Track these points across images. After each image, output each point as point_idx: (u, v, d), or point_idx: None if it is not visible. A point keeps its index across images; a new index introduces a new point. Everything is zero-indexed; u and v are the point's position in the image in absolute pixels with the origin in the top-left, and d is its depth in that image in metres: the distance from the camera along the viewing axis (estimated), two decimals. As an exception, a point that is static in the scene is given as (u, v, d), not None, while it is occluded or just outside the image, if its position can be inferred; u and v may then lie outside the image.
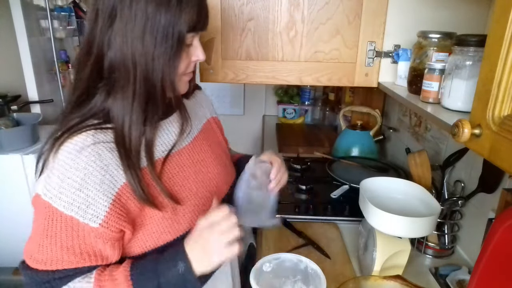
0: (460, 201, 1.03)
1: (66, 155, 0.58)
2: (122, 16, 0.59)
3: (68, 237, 0.58)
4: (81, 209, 0.57)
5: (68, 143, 0.59)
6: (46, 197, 0.58)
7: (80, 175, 0.57)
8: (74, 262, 0.59)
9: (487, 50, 0.47)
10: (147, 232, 0.65)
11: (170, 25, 0.59)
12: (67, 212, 0.57)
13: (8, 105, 1.96)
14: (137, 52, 0.59)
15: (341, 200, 1.32)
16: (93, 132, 0.61)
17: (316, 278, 0.72)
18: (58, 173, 0.57)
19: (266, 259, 0.74)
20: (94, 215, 0.58)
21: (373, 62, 1.08)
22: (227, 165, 0.87)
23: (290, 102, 2.43)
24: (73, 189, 0.57)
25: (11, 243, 1.80)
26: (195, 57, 0.68)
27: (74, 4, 2.53)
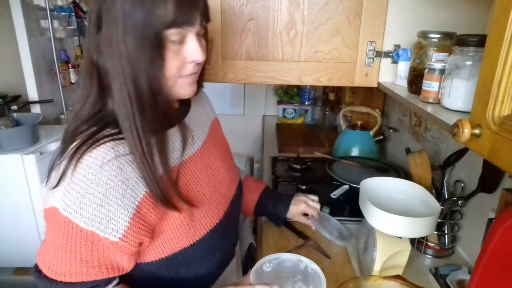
0: (460, 201, 1.03)
1: (87, 169, 0.56)
2: (106, 21, 0.57)
3: (88, 251, 0.58)
4: (102, 224, 0.56)
5: (88, 157, 0.57)
6: (65, 212, 0.56)
7: (102, 191, 0.56)
8: (92, 275, 0.59)
9: (487, 50, 0.47)
10: (165, 239, 0.65)
11: (146, 23, 0.56)
12: (87, 227, 0.56)
13: (8, 105, 1.96)
14: (123, 55, 0.57)
15: (341, 200, 1.32)
16: (112, 145, 0.59)
17: (316, 278, 0.72)
18: (78, 188, 0.56)
19: (266, 259, 0.74)
20: (114, 229, 0.57)
21: (373, 62, 1.08)
22: (232, 166, 0.87)
23: (290, 102, 2.43)
24: (94, 204, 0.56)
25: (11, 243, 1.81)
26: (190, 57, 0.62)
27: (74, 4, 2.53)
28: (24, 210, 1.75)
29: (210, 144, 0.80)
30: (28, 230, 1.78)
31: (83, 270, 0.58)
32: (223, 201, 0.76)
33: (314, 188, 1.43)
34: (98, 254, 0.58)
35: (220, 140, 0.88)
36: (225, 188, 0.79)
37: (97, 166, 0.56)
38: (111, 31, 0.57)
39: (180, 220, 0.65)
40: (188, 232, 0.67)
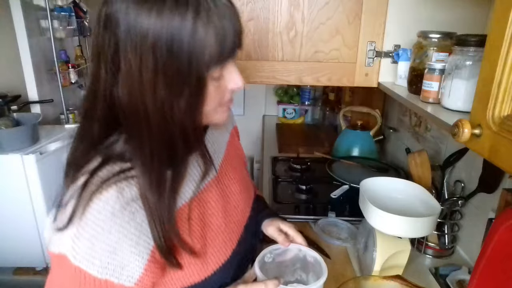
0: (460, 201, 1.04)
1: (97, 215, 0.51)
2: (126, 61, 0.49)
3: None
4: (116, 271, 0.52)
5: (98, 201, 0.51)
6: (76, 261, 0.51)
7: (114, 239, 0.51)
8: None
9: (487, 50, 0.47)
10: (176, 276, 0.61)
11: (185, 67, 0.48)
12: (101, 276, 0.51)
13: (8, 105, 1.96)
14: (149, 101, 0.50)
15: (341, 200, 1.32)
16: (124, 185, 0.53)
17: (316, 265, 0.73)
18: (89, 235, 0.50)
19: (267, 250, 0.75)
20: (129, 275, 0.53)
21: (373, 62, 1.08)
22: (248, 185, 0.81)
23: (290, 102, 2.43)
24: (107, 252, 0.51)
25: (11, 243, 1.81)
26: (233, 85, 0.56)
27: (74, 4, 2.54)
28: (24, 210, 1.75)
29: (227, 166, 0.74)
30: (28, 230, 1.78)
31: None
32: (236, 228, 0.72)
33: (314, 188, 1.43)
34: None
35: (237, 156, 0.81)
36: (240, 213, 0.74)
37: (108, 213, 0.51)
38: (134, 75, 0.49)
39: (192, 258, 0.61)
40: (200, 269, 0.63)
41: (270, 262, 0.75)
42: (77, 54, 2.73)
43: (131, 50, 0.48)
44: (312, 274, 0.75)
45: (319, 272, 0.70)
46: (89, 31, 2.78)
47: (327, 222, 1.22)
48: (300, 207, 1.31)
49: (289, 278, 0.77)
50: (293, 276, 0.78)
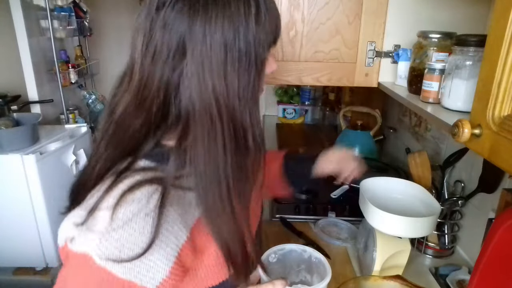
0: (460, 201, 1.04)
1: (129, 215, 0.49)
2: (195, 53, 0.48)
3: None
4: (141, 273, 0.51)
5: (131, 201, 0.50)
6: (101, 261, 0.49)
7: (144, 240, 0.50)
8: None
9: (487, 50, 0.47)
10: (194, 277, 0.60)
11: (251, 51, 0.50)
12: (125, 277, 0.50)
13: (8, 105, 1.96)
14: (220, 90, 0.49)
15: (341, 200, 1.32)
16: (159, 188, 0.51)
17: (320, 266, 0.73)
18: (118, 236, 0.49)
19: (271, 250, 0.75)
20: (153, 278, 0.52)
21: (373, 62, 1.08)
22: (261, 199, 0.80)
23: (290, 102, 2.43)
24: (134, 254, 0.50)
25: (11, 243, 1.81)
26: (270, 69, 0.58)
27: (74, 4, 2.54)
28: (24, 210, 1.75)
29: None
30: (28, 230, 1.78)
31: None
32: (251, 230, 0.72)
33: (314, 188, 1.43)
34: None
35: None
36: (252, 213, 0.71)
37: (142, 213, 0.49)
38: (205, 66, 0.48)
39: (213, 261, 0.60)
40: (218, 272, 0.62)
41: (275, 262, 0.75)
42: (77, 54, 2.73)
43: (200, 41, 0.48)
44: (316, 275, 0.75)
45: (323, 273, 0.70)
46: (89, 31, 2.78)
47: (327, 222, 1.22)
48: (300, 207, 1.31)
49: (293, 279, 0.77)
50: (297, 277, 0.78)
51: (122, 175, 0.52)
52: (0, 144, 1.69)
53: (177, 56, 0.49)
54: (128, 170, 0.52)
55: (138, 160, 0.54)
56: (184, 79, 0.49)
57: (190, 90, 0.49)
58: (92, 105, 2.71)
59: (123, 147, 0.54)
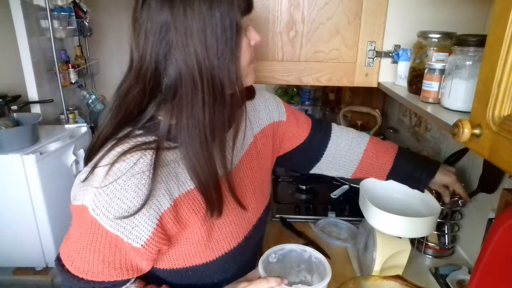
0: (460, 201, 1.03)
1: (119, 174, 0.57)
2: (178, 27, 0.56)
3: (111, 253, 0.58)
4: (127, 230, 0.57)
5: (122, 162, 0.57)
6: (94, 213, 0.57)
7: (129, 197, 0.57)
8: (113, 275, 0.60)
9: (487, 50, 0.47)
10: (179, 252, 0.66)
11: (226, 16, 0.57)
12: (112, 231, 0.57)
13: (8, 105, 1.96)
14: (202, 57, 0.56)
15: (341, 200, 1.32)
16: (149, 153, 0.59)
17: (320, 266, 0.73)
18: (108, 191, 0.56)
19: (271, 250, 0.75)
20: (138, 236, 0.58)
21: (373, 62, 1.08)
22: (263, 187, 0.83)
23: (290, 102, 2.43)
24: (121, 210, 0.56)
25: (11, 243, 1.81)
26: (253, 40, 0.65)
27: (74, 4, 2.54)
28: (24, 210, 1.75)
29: (245, 164, 0.77)
30: (28, 230, 1.78)
31: (105, 270, 0.59)
32: (245, 225, 0.75)
33: (314, 188, 1.43)
34: (120, 257, 0.59)
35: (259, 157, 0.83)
36: (250, 211, 0.76)
37: (129, 173, 0.57)
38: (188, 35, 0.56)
39: (198, 238, 0.65)
40: (203, 252, 0.67)
41: (275, 262, 0.75)
42: (77, 54, 2.73)
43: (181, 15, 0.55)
44: (316, 275, 0.75)
45: (323, 273, 0.70)
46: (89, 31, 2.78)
47: (327, 222, 1.22)
48: (300, 207, 1.31)
49: (293, 279, 0.77)
50: (297, 277, 0.78)
51: (121, 141, 0.60)
52: (0, 144, 1.70)
53: (164, 30, 0.56)
54: (127, 137, 0.61)
55: (136, 130, 0.62)
56: (171, 49, 0.57)
57: (176, 58, 0.57)
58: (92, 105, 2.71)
59: (124, 114, 0.62)
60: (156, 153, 0.59)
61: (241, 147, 0.77)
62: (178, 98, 0.58)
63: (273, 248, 0.75)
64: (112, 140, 0.61)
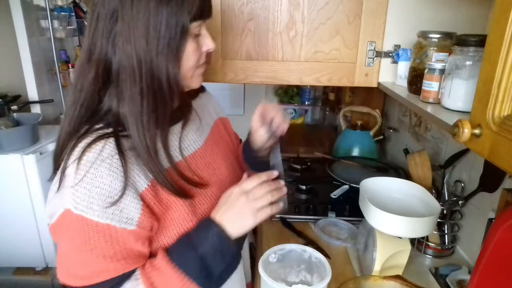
0: (460, 201, 1.03)
1: (89, 164, 0.57)
2: (124, 16, 0.57)
3: (108, 245, 0.57)
4: (116, 215, 0.57)
5: (88, 152, 0.58)
6: (77, 210, 0.56)
7: (107, 182, 0.57)
8: (120, 269, 0.59)
9: (487, 50, 0.47)
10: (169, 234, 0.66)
11: (172, 17, 0.58)
12: (102, 220, 0.56)
13: (8, 105, 1.96)
14: (142, 50, 0.58)
15: (341, 200, 1.32)
16: (111, 140, 0.60)
17: (320, 266, 0.73)
18: (84, 184, 0.56)
19: (272, 250, 0.75)
20: (129, 218, 0.58)
21: (373, 62, 1.08)
22: (235, 165, 0.87)
23: (290, 102, 2.43)
24: (103, 196, 0.56)
25: (11, 243, 1.81)
26: (205, 47, 0.66)
27: (74, 4, 2.53)
28: (24, 210, 1.75)
29: (212, 143, 0.80)
30: (28, 230, 1.78)
31: (110, 266, 0.58)
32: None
33: (314, 188, 1.43)
34: (119, 247, 0.58)
35: (223, 139, 0.88)
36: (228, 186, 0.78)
37: (98, 160, 0.57)
38: (131, 26, 0.57)
39: (183, 216, 0.66)
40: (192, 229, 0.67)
41: (275, 262, 0.75)
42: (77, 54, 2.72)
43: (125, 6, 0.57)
44: (316, 275, 0.75)
45: (323, 273, 0.70)
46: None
47: (327, 222, 1.22)
48: (300, 207, 1.31)
49: (293, 279, 0.77)
50: (297, 277, 0.78)
51: (81, 137, 0.60)
52: (0, 144, 1.70)
53: (114, 17, 0.58)
54: (87, 133, 0.61)
55: (95, 125, 0.62)
56: (116, 37, 0.59)
57: (119, 47, 0.59)
58: (92, 105, 2.70)
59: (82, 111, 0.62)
60: (115, 138, 0.60)
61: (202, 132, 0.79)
62: (120, 86, 0.60)
63: (273, 248, 0.75)
64: (72, 140, 0.61)
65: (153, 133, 0.61)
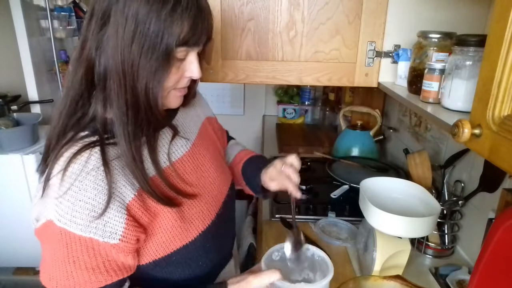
0: (460, 201, 1.03)
1: (73, 177, 0.56)
2: (115, 20, 0.56)
3: (91, 258, 0.57)
4: (99, 229, 0.56)
5: (73, 164, 0.57)
6: (60, 223, 0.56)
7: (91, 196, 0.56)
8: (102, 280, 0.59)
9: (487, 50, 0.47)
10: (158, 241, 0.65)
11: (158, 35, 0.56)
12: (85, 234, 0.56)
13: (8, 105, 1.96)
14: (125, 59, 0.57)
15: (341, 200, 1.32)
16: (97, 150, 0.59)
17: (323, 264, 0.73)
18: (68, 196, 0.56)
19: (274, 248, 0.75)
20: (112, 232, 0.57)
21: (373, 62, 1.08)
22: (223, 167, 0.86)
23: (290, 102, 2.43)
24: (86, 210, 0.56)
25: (11, 243, 1.81)
26: (188, 73, 0.64)
27: (74, 4, 2.53)
28: (24, 210, 1.75)
29: (200, 146, 0.79)
30: (28, 230, 1.77)
31: (92, 277, 0.58)
32: (214, 202, 0.76)
33: (314, 188, 1.43)
34: (102, 259, 0.58)
35: (211, 141, 0.87)
36: (216, 189, 0.78)
37: (84, 173, 0.56)
38: (119, 33, 0.56)
39: (171, 223, 0.66)
40: (180, 234, 0.67)
41: (278, 260, 0.75)
42: (77, 54, 2.72)
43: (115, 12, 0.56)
44: (319, 273, 0.75)
45: (326, 271, 0.70)
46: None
47: (327, 222, 1.22)
48: (300, 207, 1.31)
49: (296, 277, 0.77)
50: (300, 275, 0.78)
51: (66, 146, 0.59)
52: (0, 144, 1.69)
53: (104, 21, 0.57)
54: (71, 141, 0.60)
55: (80, 133, 0.61)
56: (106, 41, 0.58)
57: (106, 50, 0.58)
58: (92, 105, 2.70)
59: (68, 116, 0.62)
60: (101, 148, 0.59)
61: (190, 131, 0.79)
62: (108, 91, 0.60)
63: (276, 246, 0.76)
64: (58, 145, 0.60)
65: (138, 143, 0.61)
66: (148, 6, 0.55)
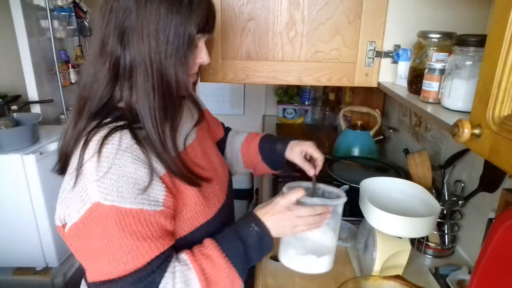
0: (460, 201, 1.03)
1: (112, 156, 0.59)
2: (138, 14, 0.61)
3: (144, 228, 0.60)
4: (145, 199, 0.60)
5: (106, 145, 0.60)
6: (108, 202, 0.57)
7: (132, 170, 0.59)
8: (160, 247, 0.62)
9: (487, 50, 0.47)
10: (183, 218, 0.69)
11: (181, 25, 0.62)
12: (135, 206, 0.59)
13: (8, 105, 1.96)
14: (152, 49, 0.62)
15: (341, 200, 1.31)
16: (126, 131, 0.62)
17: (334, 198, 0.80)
18: (110, 175, 0.58)
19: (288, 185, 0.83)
20: (156, 200, 0.61)
21: (373, 62, 1.08)
22: (220, 154, 0.92)
23: (290, 102, 2.43)
24: (131, 185, 0.58)
25: (11, 243, 1.81)
26: (199, 59, 0.70)
27: (74, 4, 2.53)
28: (24, 210, 1.75)
29: (201, 135, 0.85)
30: (28, 230, 1.78)
31: (151, 245, 0.60)
32: (223, 183, 0.82)
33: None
34: (153, 227, 0.61)
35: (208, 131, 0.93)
36: (222, 173, 0.85)
37: (120, 151, 0.59)
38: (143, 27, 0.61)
39: (195, 199, 0.70)
40: (203, 210, 0.72)
41: None
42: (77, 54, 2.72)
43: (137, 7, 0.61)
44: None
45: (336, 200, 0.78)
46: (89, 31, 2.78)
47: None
48: (300, 207, 1.31)
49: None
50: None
51: (92, 132, 0.62)
52: (0, 144, 1.69)
53: (127, 12, 0.61)
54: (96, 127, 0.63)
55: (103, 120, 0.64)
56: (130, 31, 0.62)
57: (132, 42, 0.62)
58: (92, 105, 2.70)
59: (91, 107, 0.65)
60: (130, 129, 0.63)
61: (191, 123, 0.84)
62: (134, 79, 0.64)
63: (287, 185, 0.82)
64: (84, 136, 0.62)
65: (164, 127, 0.65)
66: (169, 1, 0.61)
